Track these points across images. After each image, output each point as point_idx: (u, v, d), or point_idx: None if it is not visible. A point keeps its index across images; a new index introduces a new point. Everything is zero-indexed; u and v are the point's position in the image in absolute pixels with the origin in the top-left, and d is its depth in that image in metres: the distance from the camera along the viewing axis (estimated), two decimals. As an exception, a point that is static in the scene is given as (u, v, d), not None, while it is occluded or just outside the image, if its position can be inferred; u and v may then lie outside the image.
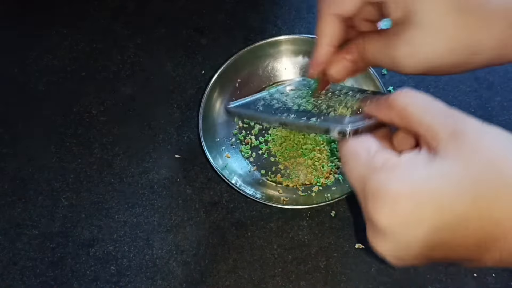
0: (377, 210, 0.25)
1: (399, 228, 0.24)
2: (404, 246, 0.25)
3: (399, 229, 0.24)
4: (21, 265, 0.50)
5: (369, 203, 0.25)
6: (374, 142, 0.28)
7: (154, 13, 0.65)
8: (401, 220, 0.24)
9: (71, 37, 0.63)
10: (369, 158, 0.27)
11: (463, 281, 0.48)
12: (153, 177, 0.54)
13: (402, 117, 0.27)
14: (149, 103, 0.59)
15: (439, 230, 0.24)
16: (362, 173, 0.26)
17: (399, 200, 0.24)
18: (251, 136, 0.56)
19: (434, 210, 0.24)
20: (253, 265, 0.50)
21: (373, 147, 0.28)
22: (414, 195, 0.24)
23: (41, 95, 0.60)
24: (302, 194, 0.52)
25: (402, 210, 0.24)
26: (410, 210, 0.24)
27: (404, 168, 0.25)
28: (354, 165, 0.27)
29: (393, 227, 0.24)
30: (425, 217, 0.24)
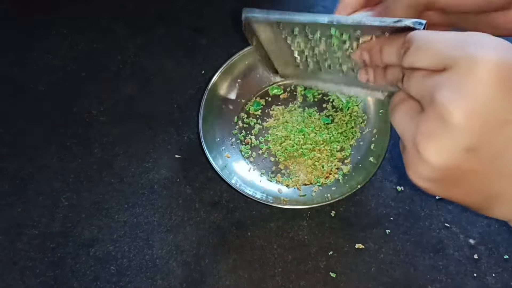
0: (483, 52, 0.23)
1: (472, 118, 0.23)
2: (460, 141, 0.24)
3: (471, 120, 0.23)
4: (21, 265, 0.50)
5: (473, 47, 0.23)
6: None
7: (154, 13, 0.65)
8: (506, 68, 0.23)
9: (71, 37, 0.63)
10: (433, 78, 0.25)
11: (463, 281, 0.48)
12: (153, 177, 0.54)
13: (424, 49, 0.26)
14: (149, 103, 0.59)
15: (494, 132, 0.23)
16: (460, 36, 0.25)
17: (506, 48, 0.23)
18: (251, 136, 0.56)
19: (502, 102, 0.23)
20: (253, 265, 0.50)
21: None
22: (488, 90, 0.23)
23: (41, 95, 0.60)
24: (302, 194, 0.52)
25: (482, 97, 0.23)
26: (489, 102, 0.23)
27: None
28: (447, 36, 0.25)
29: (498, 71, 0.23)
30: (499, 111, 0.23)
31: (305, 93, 0.58)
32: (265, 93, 0.59)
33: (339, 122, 0.56)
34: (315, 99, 0.58)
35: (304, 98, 0.58)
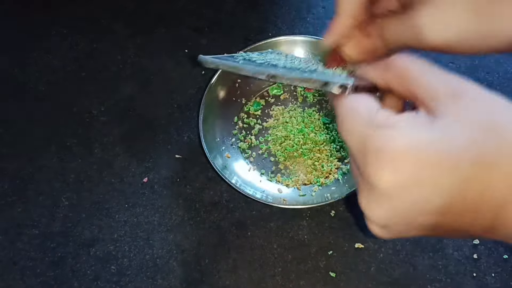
0: (378, 169, 0.23)
1: (399, 189, 0.23)
2: (400, 209, 0.24)
3: (398, 190, 0.23)
4: (21, 265, 0.50)
5: (370, 162, 0.24)
6: (374, 100, 0.27)
7: (154, 13, 0.65)
8: (402, 180, 0.23)
9: (71, 37, 0.63)
10: (371, 116, 0.25)
11: (463, 281, 0.48)
12: (153, 177, 0.54)
13: (400, 78, 0.26)
14: (149, 103, 0.59)
15: (439, 195, 0.23)
16: (362, 131, 0.25)
17: (402, 159, 0.23)
18: (251, 136, 0.56)
19: (436, 174, 0.23)
20: (253, 265, 0.50)
21: (374, 105, 0.26)
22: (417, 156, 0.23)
23: (41, 95, 0.60)
24: (302, 194, 0.52)
25: (405, 170, 0.23)
26: (412, 170, 0.23)
27: (407, 126, 0.24)
28: (354, 123, 0.26)
29: (393, 188, 0.23)
30: (426, 180, 0.23)
31: (305, 93, 0.58)
32: (265, 93, 0.59)
33: (339, 122, 0.56)
34: (315, 99, 0.58)
35: (304, 98, 0.58)
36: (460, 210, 0.23)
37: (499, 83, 0.58)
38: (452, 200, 0.23)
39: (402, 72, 0.26)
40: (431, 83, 0.25)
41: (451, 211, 0.24)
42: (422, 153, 0.23)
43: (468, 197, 0.23)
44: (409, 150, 0.23)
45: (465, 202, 0.23)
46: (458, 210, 0.23)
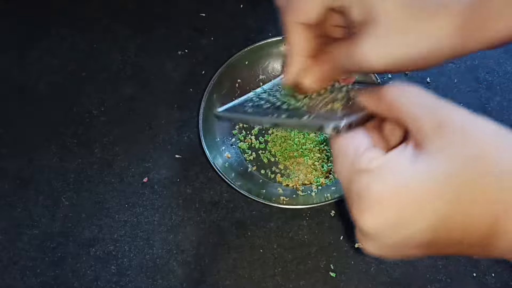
0: (361, 213, 0.25)
1: (382, 231, 0.24)
2: (390, 247, 0.25)
3: (382, 233, 0.24)
4: (21, 264, 0.50)
5: (354, 205, 0.25)
6: (364, 138, 0.28)
7: (154, 13, 0.65)
8: (385, 223, 0.24)
9: (71, 37, 0.63)
10: (355, 158, 0.27)
11: (463, 281, 0.48)
12: (153, 177, 0.54)
13: (391, 109, 0.27)
14: (149, 103, 0.59)
15: (423, 231, 0.24)
16: (348, 173, 0.26)
17: (381, 204, 0.24)
18: (251, 136, 0.56)
19: (417, 212, 0.23)
20: (253, 265, 0.50)
21: (363, 145, 0.27)
22: (397, 198, 0.24)
23: (41, 95, 0.60)
24: (302, 194, 0.52)
25: (385, 213, 0.24)
26: (393, 213, 0.24)
27: (388, 169, 0.25)
28: (342, 165, 0.27)
29: (377, 230, 0.24)
30: (408, 219, 0.24)
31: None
32: (265, 93, 0.59)
33: (339, 122, 0.56)
34: (315, 99, 0.58)
35: (304, 98, 0.58)
36: (446, 242, 0.24)
37: (499, 83, 0.58)
38: (437, 234, 0.24)
39: (391, 104, 0.27)
40: (417, 115, 0.25)
41: (438, 244, 0.24)
42: (401, 194, 0.24)
43: (453, 229, 0.24)
44: (389, 194, 0.24)
45: (450, 235, 0.24)
46: (444, 243, 0.24)
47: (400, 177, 0.24)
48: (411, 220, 0.24)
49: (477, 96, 0.57)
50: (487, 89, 0.58)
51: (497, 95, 0.57)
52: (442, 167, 0.23)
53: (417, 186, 0.23)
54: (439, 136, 0.24)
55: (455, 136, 0.24)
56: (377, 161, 0.25)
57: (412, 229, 0.24)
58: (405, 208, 0.24)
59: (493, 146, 0.23)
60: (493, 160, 0.23)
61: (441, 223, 0.23)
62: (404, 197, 0.24)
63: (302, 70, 0.34)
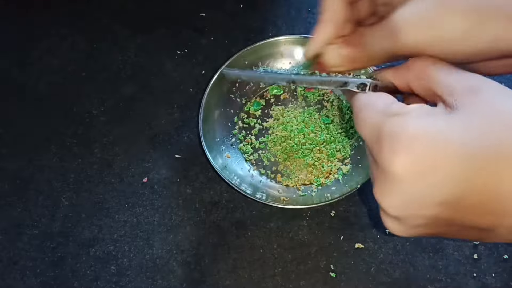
0: (393, 154, 0.23)
1: (412, 173, 0.23)
2: (413, 196, 0.23)
3: (412, 175, 0.23)
4: (21, 264, 0.50)
5: (384, 148, 0.24)
6: (390, 96, 0.27)
7: (154, 13, 0.65)
8: (417, 164, 0.23)
9: (71, 37, 0.63)
10: (386, 106, 0.26)
11: (463, 281, 0.48)
12: (153, 177, 0.54)
13: (420, 77, 0.27)
14: (149, 103, 0.59)
15: (451, 182, 0.23)
16: (378, 119, 0.25)
17: (417, 143, 0.23)
18: (251, 136, 0.56)
19: (449, 160, 0.22)
20: (253, 265, 0.50)
21: (391, 99, 0.27)
22: (433, 141, 0.23)
23: (41, 95, 0.60)
24: (302, 194, 0.52)
25: (419, 155, 0.23)
26: (427, 156, 0.22)
27: (423, 114, 0.24)
28: (370, 114, 0.26)
29: (407, 172, 0.23)
30: (440, 166, 0.22)
31: (305, 93, 0.58)
32: (265, 93, 0.59)
33: (339, 122, 0.56)
34: (315, 99, 0.58)
35: (304, 98, 0.58)
36: (472, 202, 0.23)
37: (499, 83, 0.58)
38: (464, 190, 0.23)
39: (421, 72, 0.27)
40: (449, 79, 0.25)
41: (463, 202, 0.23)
42: (438, 139, 0.23)
43: (481, 189, 0.23)
44: (425, 135, 0.23)
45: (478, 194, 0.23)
46: (470, 201, 0.23)
47: (436, 123, 0.23)
48: (444, 169, 0.22)
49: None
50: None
51: (497, 95, 0.57)
52: (477, 125, 0.23)
53: (453, 137, 0.23)
54: (472, 98, 0.24)
55: (489, 99, 0.23)
56: (410, 107, 0.25)
57: (442, 179, 0.23)
58: (440, 154, 0.22)
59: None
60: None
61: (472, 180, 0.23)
62: (440, 143, 0.22)
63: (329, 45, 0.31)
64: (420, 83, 0.27)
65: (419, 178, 0.23)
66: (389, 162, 0.23)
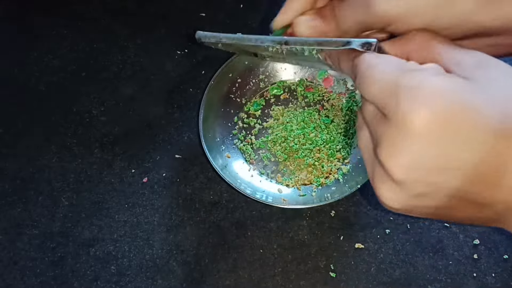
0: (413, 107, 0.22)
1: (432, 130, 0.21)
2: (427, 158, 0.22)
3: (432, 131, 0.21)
4: (21, 264, 0.50)
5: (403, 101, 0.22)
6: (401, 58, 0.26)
7: (154, 13, 0.65)
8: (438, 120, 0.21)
9: (71, 37, 0.63)
10: (401, 63, 0.24)
11: (463, 281, 0.48)
12: (153, 177, 0.54)
13: (423, 48, 0.25)
14: (149, 103, 0.59)
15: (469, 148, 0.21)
16: (393, 75, 0.23)
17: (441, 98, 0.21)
18: (251, 136, 0.56)
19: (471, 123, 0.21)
20: (253, 265, 0.50)
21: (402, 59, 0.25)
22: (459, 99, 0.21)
23: (41, 95, 0.60)
24: (302, 194, 0.52)
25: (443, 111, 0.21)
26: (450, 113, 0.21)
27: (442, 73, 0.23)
28: (383, 69, 0.24)
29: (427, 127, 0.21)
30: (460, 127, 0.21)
31: (305, 93, 0.58)
32: (265, 93, 0.59)
33: (339, 122, 0.56)
34: (315, 99, 0.58)
35: (304, 98, 0.58)
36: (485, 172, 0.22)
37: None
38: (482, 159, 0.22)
39: (424, 43, 0.25)
40: (455, 52, 0.24)
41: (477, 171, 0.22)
42: (463, 100, 0.22)
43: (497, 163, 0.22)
44: (450, 92, 0.22)
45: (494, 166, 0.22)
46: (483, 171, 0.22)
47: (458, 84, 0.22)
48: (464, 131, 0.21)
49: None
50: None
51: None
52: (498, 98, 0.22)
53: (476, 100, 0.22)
54: (483, 71, 0.23)
55: (499, 73, 0.23)
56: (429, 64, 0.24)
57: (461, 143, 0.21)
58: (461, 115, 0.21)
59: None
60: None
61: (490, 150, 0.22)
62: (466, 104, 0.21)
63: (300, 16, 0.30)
64: (422, 55, 0.26)
65: (438, 137, 0.22)
66: (407, 116, 0.22)
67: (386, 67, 0.24)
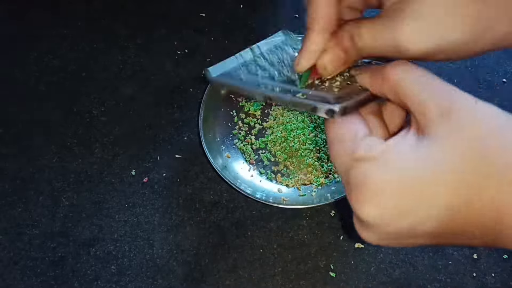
0: (359, 203, 0.24)
1: (381, 221, 0.23)
2: (388, 236, 0.24)
3: (381, 222, 0.23)
4: (22, 264, 0.50)
5: (352, 194, 0.24)
6: (361, 124, 0.26)
7: (154, 13, 0.65)
8: (385, 213, 0.23)
9: (71, 37, 0.63)
10: (353, 146, 0.25)
11: (463, 281, 0.48)
12: (153, 177, 0.54)
13: (395, 92, 0.26)
14: (149, 103, 0.59)
15: (426, 220, 0.23)
16: (345, 161, 0.25)
17: (381, 193, 0.23)
18: (251, 136, 0.56)
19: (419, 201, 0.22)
20: (253, 265, 0.50)
21: (360, 132, 0.26)
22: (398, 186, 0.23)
23: (41, 95, 0.60)
24: (302, 194, 0.52)
25: (386, 203, 0.23)
26: (394, 203, 0.23)
27: (388, 156, 0.23)
28: (339, 151, 0.26)
29: (376, 220, 0.23)
30: (408, 209, 0.23)
31: (305, 93, 0.58)
32: (265, 93, 0.59)
33: (339, 122, 0.56)
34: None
35: (304, 98, 0.58)
36: (451, 232, 0.23)
37: (499, 83, 0.58)
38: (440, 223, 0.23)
39: (395, 85, 0.25)
40: (422, 98, 0.24)
41: (442, 234, 0.24)
42: (403, 182, 0.23)
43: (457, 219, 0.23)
44: (389, 183, 0.23)
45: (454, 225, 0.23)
46: (449, 232, 0.23)
47: (401, 165, 0.23)
48: (414, 210, 0.23)
49: (477, 96, 0.57)
50: (487, 89, 0.58)
51: (497, 95, 0.57)
52: (446, 154, 0.22)
53: (419, 174, 0.22)
54: (445, 122, 0.23)
55: (462, 124, 0.23)
56: (377, 148, 0.24)
57: (414, 218, 0.23)
58: (406, 197, 0.23)
59: (501, 137, 0.22)
60: (499, 152, 0.22)
61: (445, 212, 0.22)
62: (406, 185, 0.23)
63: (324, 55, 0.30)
64: (395, 97, 0.26)
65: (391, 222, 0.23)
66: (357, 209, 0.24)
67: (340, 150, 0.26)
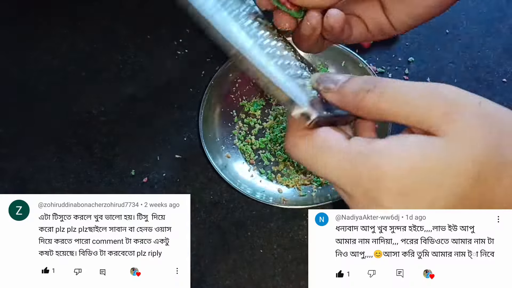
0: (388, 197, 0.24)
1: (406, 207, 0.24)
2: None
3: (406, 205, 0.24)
4: (21, 265, 0.50)
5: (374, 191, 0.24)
6: (336, 132, 0.26)
7: (154, 13, 0.65)
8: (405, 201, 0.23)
9: (71, 37, 0.63)
10: (345, 146, 0.25)
11: (463, 280, 0.48)
12: (153, 177, 0.54)
13: (376, 115, 0.25)
14: (149, 103, 0.59)
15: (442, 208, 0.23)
16: (343, 165, 0.25)
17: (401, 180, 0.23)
18: (251, 136, 0.56)
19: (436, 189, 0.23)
20: (253, 265, 0.50)
21: (341, 136, 0.26)
22: (416, 174, 0.23)
23: (41, 95, 0.60)
24: (302, 194, 0.52)
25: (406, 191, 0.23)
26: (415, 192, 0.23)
27: (400, 148, 0.24)
28: (330, 157, 0.25)
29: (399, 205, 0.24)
30: (428, 196, 0.23)
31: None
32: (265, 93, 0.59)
33: (339, 122, 0.56)
34: (315, 99, 0.58)
35: (304, 98, 0.58)
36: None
37: (499, 83, 0.58)
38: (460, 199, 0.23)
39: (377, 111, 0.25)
40: (416, 111, 0.24)
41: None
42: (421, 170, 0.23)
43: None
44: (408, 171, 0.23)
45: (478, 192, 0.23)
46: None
47: (417, 154, 0.23)
48: (431, 198, 0.23)
49: (477, 96, 0.57)
50: (487, 89, 0.58)
51: (497, 95, 0.57)
52: (459, 149, 0.23)
53: (435, 163, 0.23)
54: (450, 122, 0.23)
55: (467, 122, 0.23)
56: (378, 143, 0.24)
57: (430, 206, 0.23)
58: (424, 185, 0.23)
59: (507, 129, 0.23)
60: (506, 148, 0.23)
61: (460, 201, 0.23)
62: (424, 174, 0.23)
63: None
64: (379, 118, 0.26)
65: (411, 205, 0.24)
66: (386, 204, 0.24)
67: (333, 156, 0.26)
